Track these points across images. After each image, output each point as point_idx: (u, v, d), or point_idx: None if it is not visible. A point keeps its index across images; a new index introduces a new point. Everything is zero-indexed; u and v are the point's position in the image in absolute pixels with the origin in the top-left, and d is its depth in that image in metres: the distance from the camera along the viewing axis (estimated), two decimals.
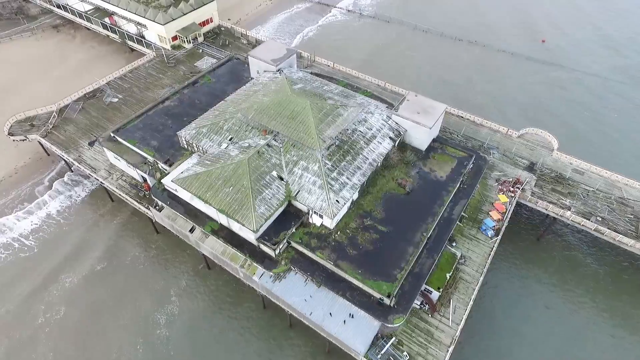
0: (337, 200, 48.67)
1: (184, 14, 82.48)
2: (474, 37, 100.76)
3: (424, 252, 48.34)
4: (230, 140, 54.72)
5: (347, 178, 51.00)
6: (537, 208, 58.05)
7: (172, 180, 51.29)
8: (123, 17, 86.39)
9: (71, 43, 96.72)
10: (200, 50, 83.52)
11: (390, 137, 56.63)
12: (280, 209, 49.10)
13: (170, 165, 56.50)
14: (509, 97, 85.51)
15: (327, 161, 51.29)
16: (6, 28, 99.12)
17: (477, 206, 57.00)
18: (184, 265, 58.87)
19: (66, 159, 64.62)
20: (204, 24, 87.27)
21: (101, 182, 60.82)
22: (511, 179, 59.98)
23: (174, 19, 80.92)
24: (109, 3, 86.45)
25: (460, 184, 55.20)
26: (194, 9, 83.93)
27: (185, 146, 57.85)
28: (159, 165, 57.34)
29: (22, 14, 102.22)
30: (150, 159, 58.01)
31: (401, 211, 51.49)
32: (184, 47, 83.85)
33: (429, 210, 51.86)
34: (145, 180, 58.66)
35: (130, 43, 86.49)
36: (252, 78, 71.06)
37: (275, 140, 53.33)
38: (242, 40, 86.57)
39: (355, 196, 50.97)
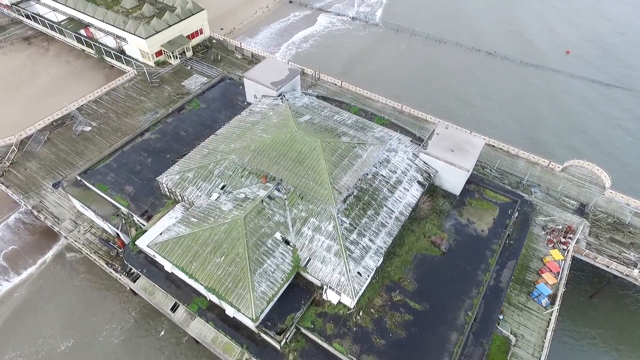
0: (358, 273, 37.44)
1: (169, 26, 70.68)
2: (492, 48, 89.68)
3: (469, 337, 37.31)
4: (222, 189, 43.29)
5: (370, 240, 39.75)
6: (597, 265, 47.24)
7: (148, 246, 39.83)
8: (100, 30, 74.41)
9: (44, 57, 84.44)
10: (189, 67, 71.77)
11: (418, 182, 45.42)
12: (287, 284, 37.81)
13: (148, 219, 45.00)
14: (540, 120, 73.50)
15: (344, 218, 40.01)
16: None
17: (524, 263, 45.98)
18: (171, 333, 47.37)
19: (24, 206, 52.86)
20: (192, 36, 75.49)
21: (65, 236, 49.08)
22: (561, 227, 49.03)
23: (157, 32, 69.10)
24: (83, 13, 74.38)
25: (505, 240, 44.20)
26: (181, 20, 72.16)
27: (167, 194, 46.42)
28: (134, 218, 45.83)
29: None
30: (124, 210, 46.46)
31: (437, 279, 40.39)
32: (170, 64, 72.09)
33: (472, 278, 40.80)
34: (118, 234, 47.18)
35: (107, 59, 74.50)
36: (248, 103, 59.56)
37: (278, 189, 41.97)
38: (236, 55, 74.89)
39: (380, 261, 39.82)
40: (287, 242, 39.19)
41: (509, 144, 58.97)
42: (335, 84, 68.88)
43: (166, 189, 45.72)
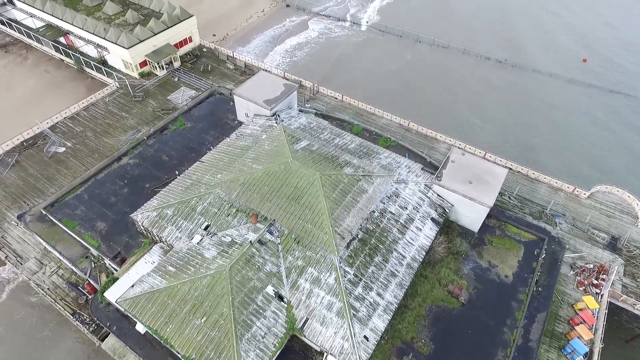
0: (365, 337, 31.20)
1: (155, 34, 64.16)
2: (502, 55, 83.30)
3: None
4: (205, 229, 36.96)
5: (378, 294, 33.50)
6: (635, 312, 41.09)
7: (116, 302, 33.53)
8: (80, 38, 67.90)
9: (21, 66, 77.84)
10: (176, 79, 65.27)
11: (432, 219, 39.15)
12: (279, 351, 31.53)
13: (122, 262, 38.71)
14: (561, 137, 66.68)
15: (347, 268, 33.75)
16: None
17: (552, 310, 39.82)
18: None
19: None
20: (180, 44, 69.02)
21: (27, 279, 42.66)
22: (591, 266, 42.87)
23: (141, 41, 62.58)
24: (62, 20, 67.82)
25: (534, 287, 38.02)
26: (168, 27, 65.66)
27: (144, 232, 40.11)
28: (105, 262, 39.51)
29: None
30: (94, 251, 40.13)
31: (456, 339, 34.15)
32: (156, 75, 65.61)
33: (497, 336, 34.58)
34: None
35: (87, 70, 67.98)
36: (238, 122, 53.21)
37: (270, 232, 35.66)
38: (228, 65, 68.37)
39: (390, 319, 33.59)
40: (280, 298, 32.91)
41: (527, 165, 52.78)
42: (336, 98, 62.47)
43: (142, 228, 39.42)
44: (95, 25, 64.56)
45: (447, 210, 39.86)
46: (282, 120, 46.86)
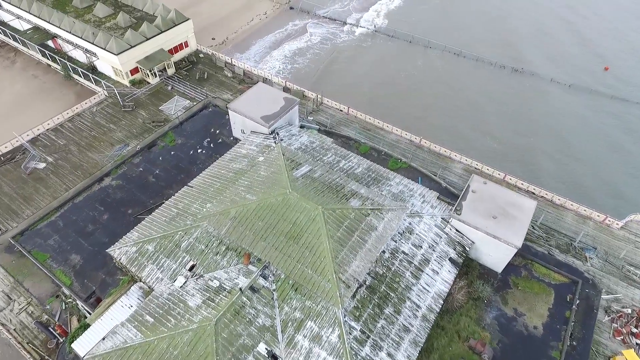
0: None
1: (147, 39, 59.18)
2: (517, 63, 77.73)
3: None
4: (190, 270, 32.00)
5: (389, 355, 28.37)
6: None
7: (84, 358, 28.64)
8: (68, 42, 63.09)
9: (8, 71, 73.12)
10: (170, 87, 60.29)
11: (450, 259, 34.00)
12: None
13: (96, 303, 33.84)
14: (588, 158, 60.48)
15: (353, 323, 28.69)
16: None
17: None
18: None
19: None
20: (175, 50, 64.05)
21: None
22: (629, 310, 37.55)
23: (132, 47, 57.61)
24: (49, 22, 63.01)
25: (568, 342, 32.81)
26: (162, 32, 60.64)
27: (123, 268, 35.22)
28: (77, 303, 34.62)
29: None
30: (65, 290, 35.24)
31: None
32: (148, 83, 60.69)
33: None
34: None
35: (75, 76, 63.17)
36: (234, 139, 48.23)
37: (264, 276, 30.63)
38: (225, 72, 63.29)
39: None
40: (274, 358, 27.88)
41: (552, 190, 47.43)
42: (341, 110, 57.27)
43: (120, 264, 34.52)
44: (84, 28, 59.68)
45: (467, 249, 34.67)
46: (282, 140, 41.78)
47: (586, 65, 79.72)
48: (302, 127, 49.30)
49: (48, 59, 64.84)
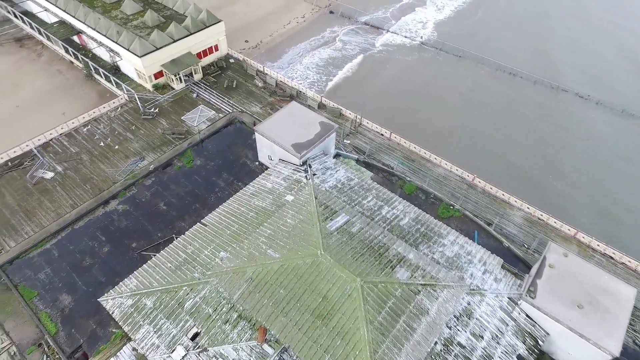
0: None
1: (175, 41, 53.64)
2: (585, 89, 68.03)
3: None
4: (193, 339, 25.82)
5: None
6: None
7: None
8: (92, 39, 58.45)
9: (34, 64, 69.36)
10: (195, 95, 54.61)
11: (519, 357, 26.44)
12: None
13: None
14: None
15: None
16: None
17: None
18: None
19: None
20: (204, 53, 58.37)
21: None
22: None
23: (157, 49, 52.21)
24: (75, 17, 58.53)
25: None
26: (191, 34, 55.04)
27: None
28: (59, 359, 29.00)
29: None
30: (49, 339, 29.77)
31: None
32: (172, 88, 55.24)
33: None
34: None
35: (96, 77, 58.47)
36: (259, 163, 41.92)
37: None
38: (256, 82, 57.15)
39: None
40: None
41: (634, 256, 38.75)
42: (382, 135, 49.99)
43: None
44: (109, 26, 54.76)
45: (540, 342, 26.98)
46: (314, 174, 35.07)
47: None
48: (337, 155, 42.49)
49: (71, 55, 60.45)
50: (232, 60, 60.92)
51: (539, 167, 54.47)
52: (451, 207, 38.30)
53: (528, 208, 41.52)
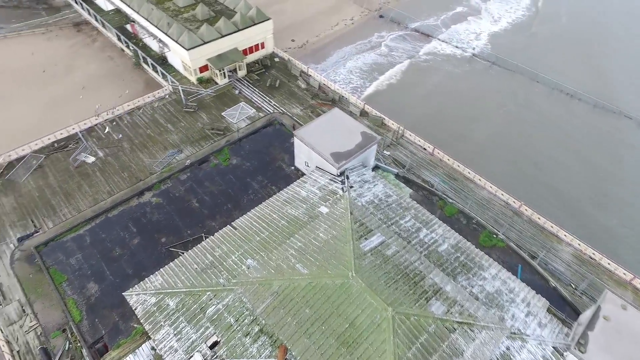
0: None
1: (222, 36, 53.53)
2: None
3: None
4: (212, 348, 25.00)
5: None
6: None
7: None
8: (144, 29, 59.49)
9: (88, 49, 71.71)
10: (237, 91, 54.37)
11: None
12: None
13: (99, 355, 28.12)
14: None
15: None
16: (22, 19, 76.78)
17: None
18: None
19: None
20: (250, 50, 58.04)
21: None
22: None
23: (205, 42, 52.31)
24: (129, 6, 59.80)
25: None
26: (238, 30, 54.80)
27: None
28: (80, 347, 29.08)
29: (44, 4, 79.27)
30: (72, 326, 29.94)
31: None
32: (216, 83, 55.27)
33: None
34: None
35: (144, 66, 59.47)
36: (294, 168, 40.85)
37: None
38: (299, 83, 56.21)
39: None
40: None
41: None
42: (424, 149, 47.65)
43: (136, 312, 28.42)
44: (160, 17, 55.42)
45: None
46: (351, 186, 33.52)
47: None
48: (376, 167, 40.71)
49: (122, 43, 61.84)
50: (276, 59, 60.31)
51: (592, 200, 50.26)
52: (494, 236, 35.63)
53: (579, 244, 38.13)
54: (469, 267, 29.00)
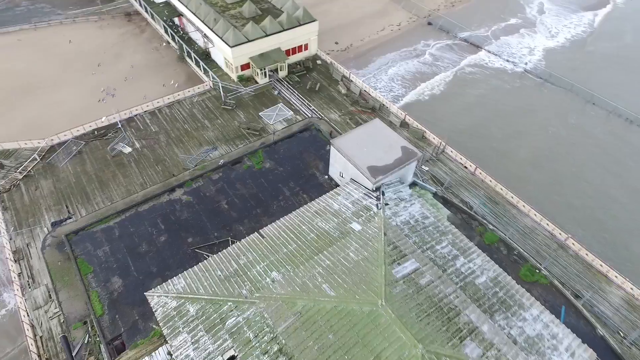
0: None
1: (267, 35, 52.89)
2: None
3: None
4: None
5: None
6: None
7: None
8: (190, 22, 59.85)
9: (136, 39, 73.28)
10: (276, 92, 53.62)
11: None
12: None
13: (117, 353, 27.85)
14: None
15: None
16: (78, 6, 79.57)
17: None
18: None
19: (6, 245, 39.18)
20: (293, 51, 57.16)
21: (25, 313, 34.17)
22: None
23: (249, 41, 51.85)
24: (178, 0, 60.29)
25: None
26: (283, 30, 54.02)
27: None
28: (99, 342, 28.93)
29: None
30: (94, 319, 29.85)
31: None
32: (256, 82, 54.76)
33: None
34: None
35: (188, 60, 59.81)
36: (328, 177, 39.43)
37: None
38: (339, 88, 54.74)
39: None
40: None
41: None
42: (466, 168, 45.05)
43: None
44: (207, 12, 55.47)
45: None
46: (387, 204, 31.75)
47: None
48: (414, 184, 38.66)
49: (169, 36, 62.53)
50: (319, 62, 59.14)
51: None
52: (537, 271, 32.85)
53: (631, 288, 34.64)
54: (508, 305, 26.61)
